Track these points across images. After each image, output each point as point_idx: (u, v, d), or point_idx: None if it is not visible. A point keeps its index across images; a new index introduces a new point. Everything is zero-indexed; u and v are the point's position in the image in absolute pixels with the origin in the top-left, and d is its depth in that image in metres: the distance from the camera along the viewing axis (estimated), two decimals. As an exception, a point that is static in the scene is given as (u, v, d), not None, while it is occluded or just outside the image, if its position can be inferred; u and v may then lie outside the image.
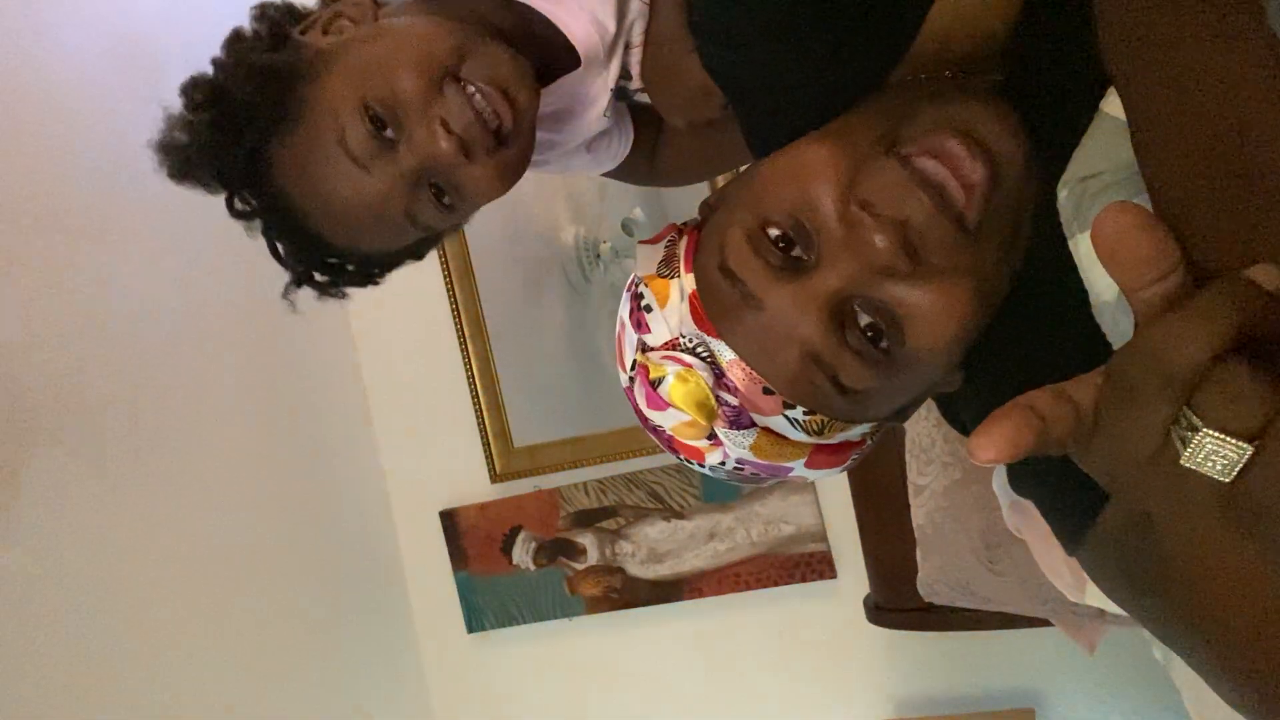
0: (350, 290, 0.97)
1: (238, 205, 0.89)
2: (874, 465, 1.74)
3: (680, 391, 0.62)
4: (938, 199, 0.55)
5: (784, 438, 0.62)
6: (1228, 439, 0.35)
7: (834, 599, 2.11)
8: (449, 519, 2.38)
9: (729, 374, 0.61)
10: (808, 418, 0.61)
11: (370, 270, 0.96)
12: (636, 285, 0.67)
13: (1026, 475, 0.68)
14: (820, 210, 0.58)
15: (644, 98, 1.02)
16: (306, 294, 0.97)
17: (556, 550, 2.30)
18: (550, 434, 2.32)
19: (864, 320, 0.59)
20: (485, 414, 2.35)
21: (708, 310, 0.62)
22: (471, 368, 2.34)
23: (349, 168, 0.83)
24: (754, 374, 0.60)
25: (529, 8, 0.90)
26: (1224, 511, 0.37)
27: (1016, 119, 0.59)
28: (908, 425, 1.62)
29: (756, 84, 0.73)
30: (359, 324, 2.44)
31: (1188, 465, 0.36)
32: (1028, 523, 1.24)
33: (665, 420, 0.64)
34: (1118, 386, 0.38)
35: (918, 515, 1.61)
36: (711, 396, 0.61)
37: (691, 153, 1.14)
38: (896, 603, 1.81)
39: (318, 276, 0.94)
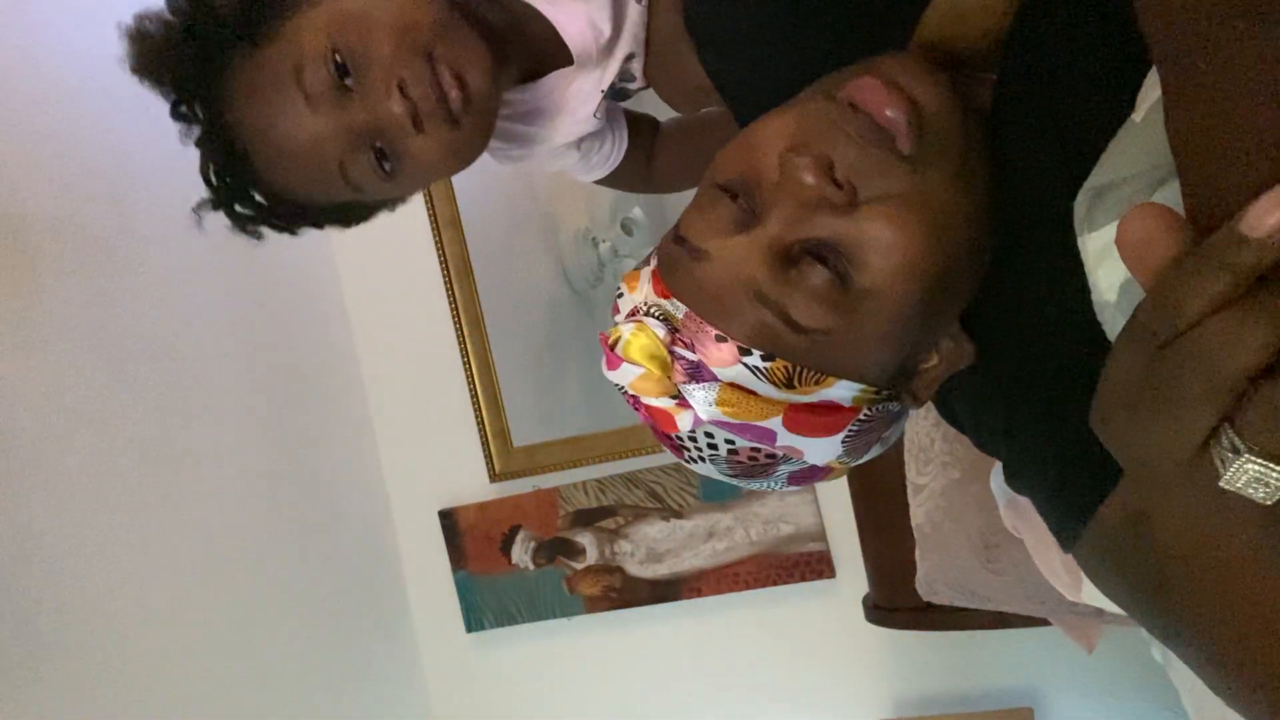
0: (265, 231, 0.96)
1: (183, 110, 0.90)
2: (873, 465, 1.74)
3: (634, 345, 0.64)
4: (867, 129, 0.57)
5: (751, 392, 0.62)
6: (1273, 466, 0.33)
7: (833, 598, 2.11)
8: (448, 518, 2.38)
9: (682, 330, 0.62)
10: (769, 364, 0.61)
11: (291, 217, 0.96)
12: (618, 287, 0.69)
13: (1024, 471, 0.68)
14: (760, 165, 0.60)
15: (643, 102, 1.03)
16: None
17: (555, 550, 2.31)
18: (549, 434, 2.32)
19: (808, 257, 0.60)
20: (484, 413, 2.35)
21: (664, 278, 0.64)
22: (471, 368, 2.34)
23: (298, 102, 0.84)
24: (705, 324, 0.61)
25: (526, 4, 0.91)
26: (1261, 532, 0.35)
27: (935, 67, 0.61)
28: (906, 425, 1.62)
29: (752, 86, 0.73)
30: (359, 323, 2.44)
31: (1226, 487, 0.34)
32: (1025, 522, 1.24)
33: (622, 378, 0.65)
34: (1158, 380, 0.35)
35: (916, 515, 1.61)
36: (663, 348, 0.63)
37: (689, 158, 1.15)
38: (895, 602, 1.81)
39: (238, 207, 0.94)
